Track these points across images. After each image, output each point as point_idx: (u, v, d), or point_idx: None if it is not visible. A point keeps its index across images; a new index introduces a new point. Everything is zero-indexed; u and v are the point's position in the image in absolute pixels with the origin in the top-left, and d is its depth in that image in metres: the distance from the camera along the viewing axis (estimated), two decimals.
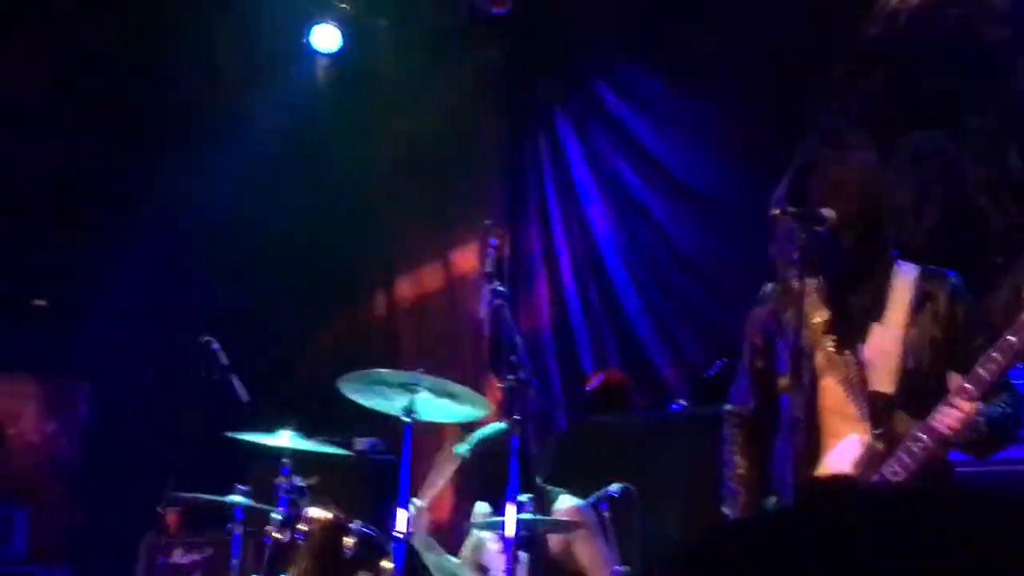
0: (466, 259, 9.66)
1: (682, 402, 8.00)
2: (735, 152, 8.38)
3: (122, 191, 10.01)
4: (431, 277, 10.11)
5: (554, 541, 6.12)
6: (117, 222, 10.00)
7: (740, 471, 4.63)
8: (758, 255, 4.52)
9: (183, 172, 9.62)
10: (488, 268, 5.74)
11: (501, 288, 5.71)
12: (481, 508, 6.50)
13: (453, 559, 6.37)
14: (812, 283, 4.44)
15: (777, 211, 4.23)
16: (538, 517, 5.74)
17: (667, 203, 8.78)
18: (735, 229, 8.02)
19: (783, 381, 4.44)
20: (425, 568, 6.14)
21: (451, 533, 7.90)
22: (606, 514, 6.35)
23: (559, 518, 6.09)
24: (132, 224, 9.97)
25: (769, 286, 4.65)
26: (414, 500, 5.99)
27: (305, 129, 9.97)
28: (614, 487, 6.42)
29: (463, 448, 6.20)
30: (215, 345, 7.16)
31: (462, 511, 6.95)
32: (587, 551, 6.10)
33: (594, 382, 8.50)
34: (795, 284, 4.31)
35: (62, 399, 10.91)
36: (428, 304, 10.13)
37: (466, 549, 6.53)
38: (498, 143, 10.04)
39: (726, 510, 4.60)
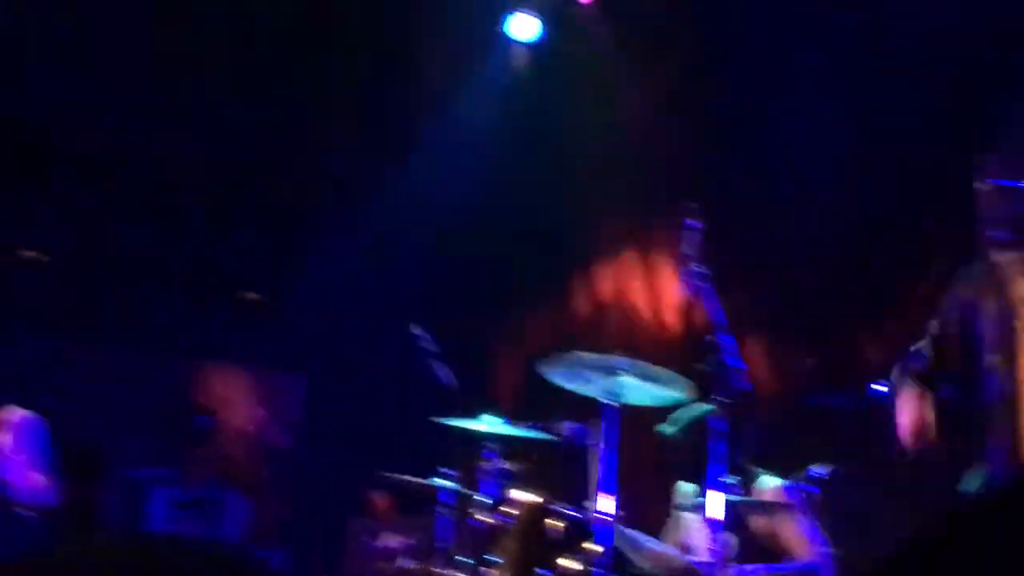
0: (664, 241, 9.59)
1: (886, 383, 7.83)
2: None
3: (332, 187, 10.22)
4: (632, 261, 10.08)
5: (758, 522, 6.08)
6: (327, 217, 10.23)
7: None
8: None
9: (390, 167, 9.77)
10: (687, 250, 5.71)
11: (702, 269, 5.68)
12: (684, 488, 6.48)
13: (650, 540, 6.37)
14: (1013, 257, 4.32)
15: (988, 185, 4.12)
16: (743, 498, 5.70)
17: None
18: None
19: (993, 359, 4.33)
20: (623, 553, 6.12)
21: (653, 512, 7.89)
22: (814, 495, 6.27)
23: (764, 499, 6.04)
24: (342, 218, 10.17)
25: (971, 265, 4.53)
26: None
27: (506, 119, 10.01)
28: (821, 468, 6.34)
29: (668, 428, 6.19)
30: (422, 333, 7.25)
31: (664, 490, 6.92)
32: (791, 531, 6.05)
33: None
34: (1001, 259, 4.20)
35: (273, 389, 11.20)
36: (629, 288, 10.10)
37: (669, 529, 6.52)
38: (692, 125, 9.93)
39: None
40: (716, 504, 5.32)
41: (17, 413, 6.91)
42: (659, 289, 9.52)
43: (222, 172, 10.10)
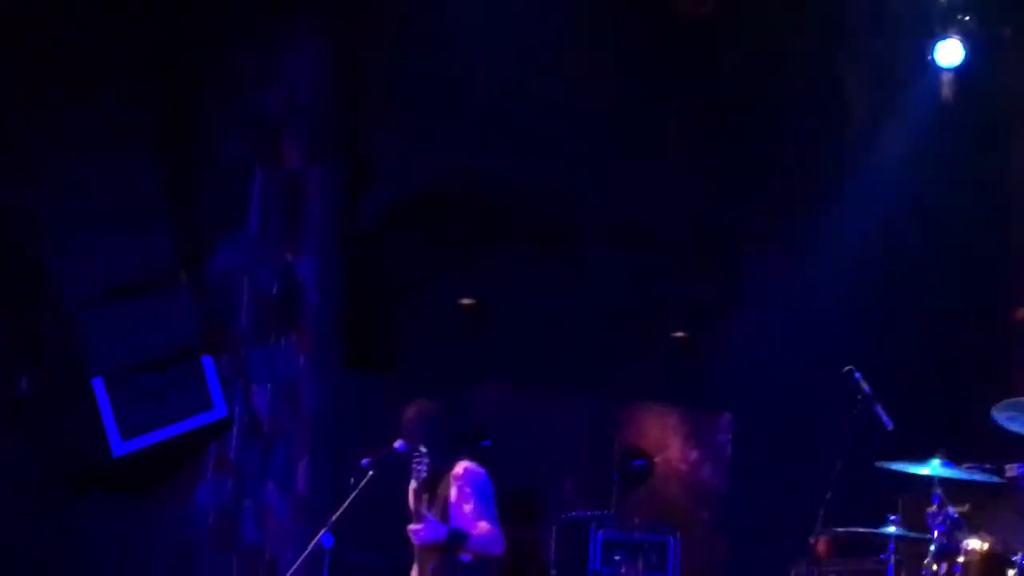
0: None
1: None
2: None
3: (758, 228, 10.22)
4: None
5: None
6: (754, 258, 10.23)
7: None
8: None
9: (812, 207, 9.70)
10: None
11: None
12: None
13: None
14: None
15: None
16: None
17: None
18: None
19: None
20: None
21: None
22: None
23: None
24: (769, 259, 10.15)
25: None
26: None
27: (932, 149, 9.76)
28: None
29: None
30: (857, 373, 7.12)
31: None
32: None
33: None
34: None
35: (705, 428, 11.24)
36: None
37: None
38: None
39: None
40: None
41: (462, 465, 7.11)
42: None
43: (647, 217, 10.25)
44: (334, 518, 6.84)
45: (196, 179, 8.61)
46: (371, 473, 6.89)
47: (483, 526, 6.96)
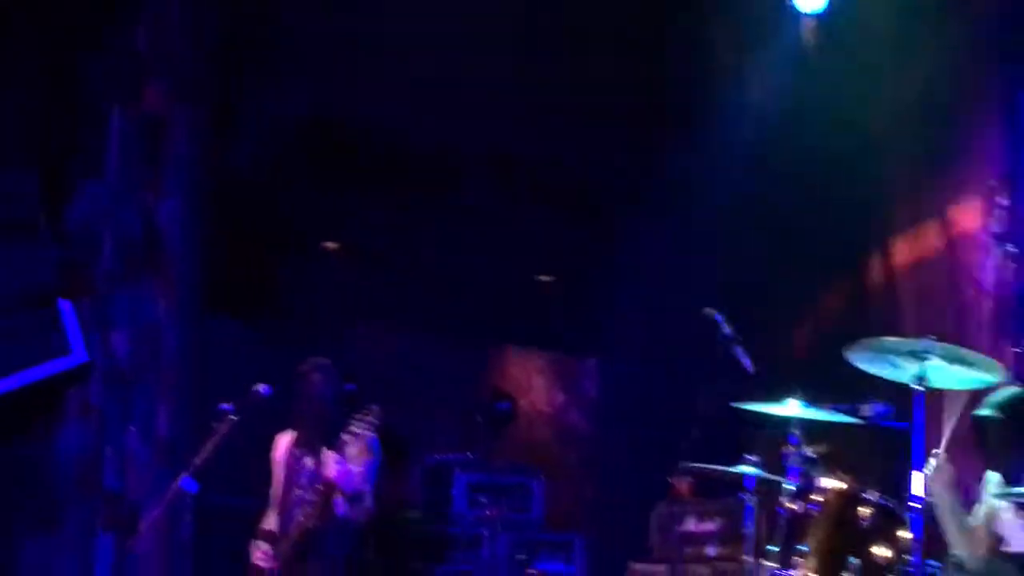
0: (967, 218, 9.30)
1: None
2: None
3: (627, 174, 10.27)
4: (930, 237, 9.81)
5: None
6: (622, 204, 10.30)
7: None
8: None
9: (683, 152, 9.76)
10: (997, 228, 5.56)
11: (1012, 248, 5.52)
12: (992, 478, 6.30)
13: (970, 518, 6.22)
14: None
15: None
16: None
17: None
18: None
19: None
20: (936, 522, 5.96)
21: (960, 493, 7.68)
22: None
23: None
24: (637, 205, 10.21)
25: None
26: (934, 451, 5.84)
27: (795, 94, 9.87)
28: None
29: (985, 411, 6.02)
30: (718, 316, 7.21)
31: (973, 474, 6.73)
32: None
33: None
34: None
35: (571, 372, 11.34)
36: (927, 265, 9.83)
37: (977, 515, 6.34)
38: (996, 94, 9.60)
39: None
40: None
41: (370, 434, 7.17)
42: (962, 265, 9.24)
43: (518, 162, 10.27)
44: (196, 463, 6.81)
45: (55, 121, 8.44)
46: (233, 418, 6.87)
47: (365, 489, 7.05)
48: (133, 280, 8.46)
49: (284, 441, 7.35)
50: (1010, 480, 5.95)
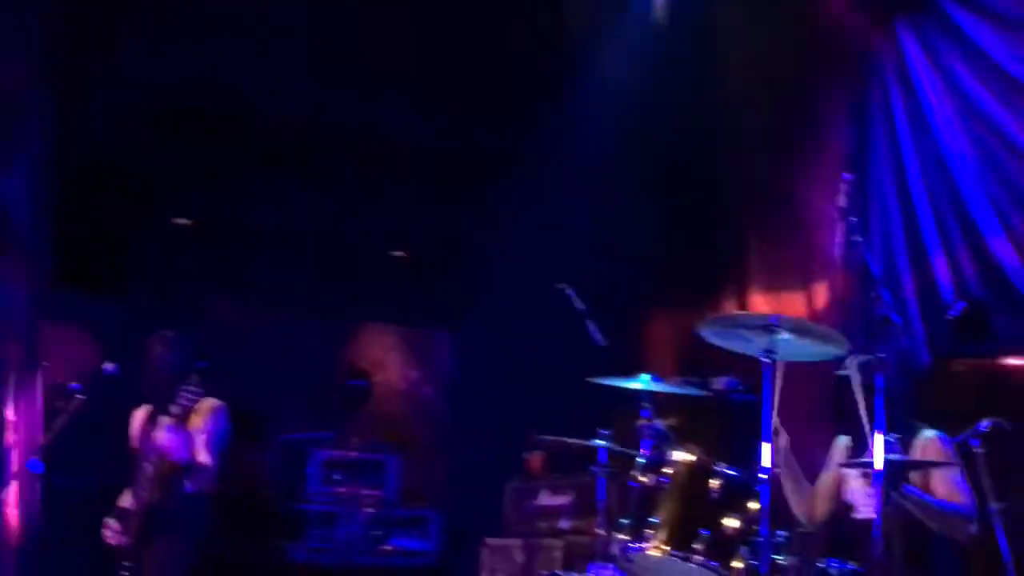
0: (816, 193, 9.46)
1: None
2: None
3: (484, 146, 10.26)
4: (781, 211, 9.96)
5: (913, 477, 6.02)
6: (479, 177, 10.29)
7: None
8: None
9: (540, 123, 9.77)
10: (843, 203, 5.65)
11: (856, 222, 5.63)
12: (841, 441, 6.45)
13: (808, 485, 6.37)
14: None
15: None
16: (903, 458, 5.65)
17: None
18: None
19: None
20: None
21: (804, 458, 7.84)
22: (978, 450, 6.21)
23: (921, 455, 5.99)
24: (493, 178, 10.21)
25: None
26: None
27: (648, 66, 9.93)
28: (984, 422, 6.27)
29: (844, 371, 6.15)
30: (571, 291, 7.25)
31: (819, 439, 6.86)
32: (943, 485, 5.99)
33: (955, 309, 8.26)
34: None
35: (425, 347, 11.33)
36: (779, 238, 9.99)
37: (824, 481, 6.48)
38: (843, 67, 9.77)
39: None
40: (879, 462, 5.29)
41: (211, 401, 7.09)
42: (812, 239, 9.40)
43: (368, 133, 10.21)
44: (43, 443, 6.69)
45: None
46: (81, 397, 6.77)
47: (208, 459, 6.97)
48: None
49: (139, 416, 7.25)
50: (859, 444, 6.10)
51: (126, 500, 7.01)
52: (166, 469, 6.84)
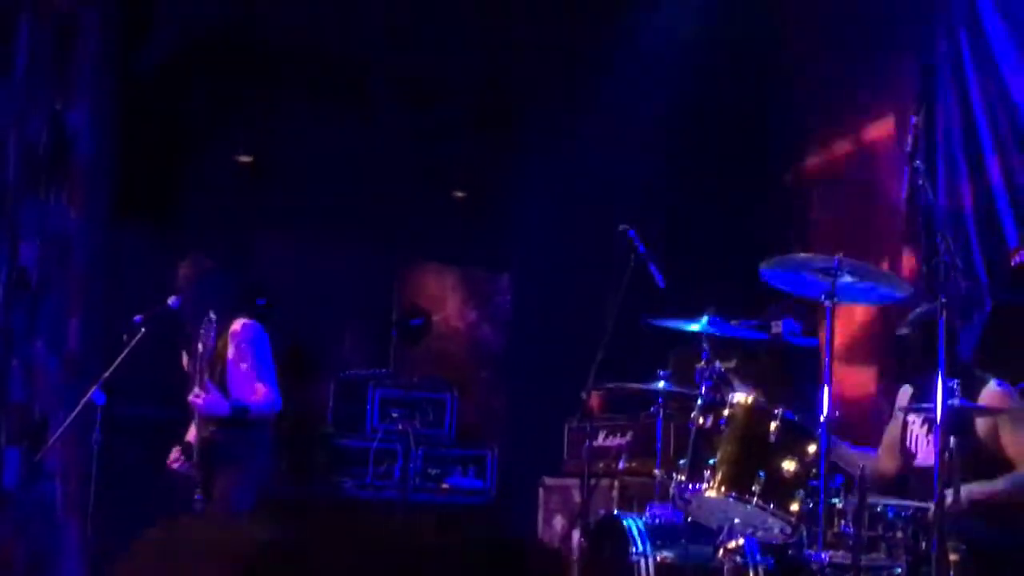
0: (879, 133, 9.37)
1: None
2: None
3: (540, 86, 10.22)
4: (843, 152, 9.87)
5: (981, 426, 5.97)
6: (535, 118, 10.25)
7: None
8: None
9: (603, 65, 9.72)
10: (908, 147, 5.60)
11: (922, 166, 5.58)
12: (905, 390, 6.42)
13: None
14: None
15: None
16: (965, 403, 5.61)
17: None
18: None
19: None
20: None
21: (871, 413, 7.82)
22: None
23: (985, 403, 5.95)
24: (550, 119, 10.16)
25: None
26: None
27: (708, 8, 9.84)
28: None
29: (904, 329, 6.13)
30: (632, 232, 7.22)
31: (885, 391, 6.84)
32: (1012, 438, 5.94)
33: (1019, 256, 8.17)
34: None
35: (484, 288, 11.33)
36: (840, 180, 9.90)
37: (891, 432, 6.45)
38: (909, 13, 9.65)
39: None
40: (939, 407, 5.26)
41: (240, 322, 7.03)
42: (874, 180, 9.32)
43: (431, 75, 10.19)
44: (106, 375, 6.75)
45: None
46: (143, 330, 6.80)
47: (260, 389, 6.94)
48: (42, 189, 8.29)
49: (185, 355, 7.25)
50: (921, 394, 6.07)
51: (190, 434, 7.05)
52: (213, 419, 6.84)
